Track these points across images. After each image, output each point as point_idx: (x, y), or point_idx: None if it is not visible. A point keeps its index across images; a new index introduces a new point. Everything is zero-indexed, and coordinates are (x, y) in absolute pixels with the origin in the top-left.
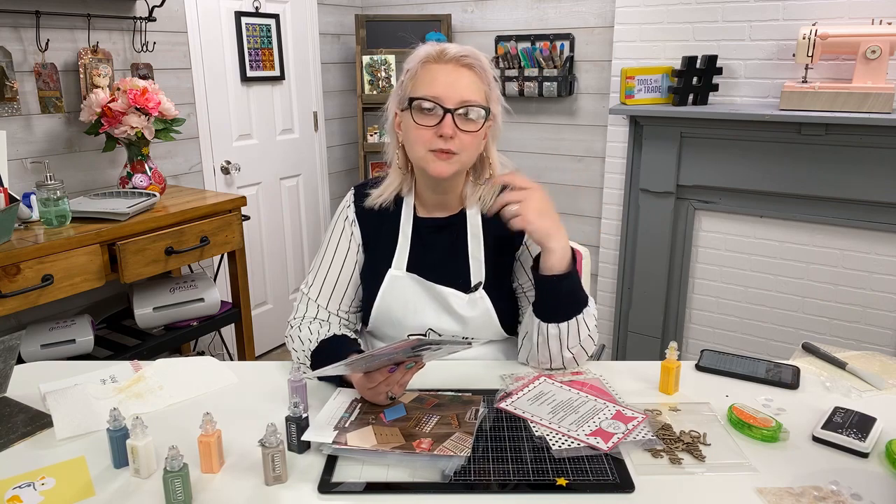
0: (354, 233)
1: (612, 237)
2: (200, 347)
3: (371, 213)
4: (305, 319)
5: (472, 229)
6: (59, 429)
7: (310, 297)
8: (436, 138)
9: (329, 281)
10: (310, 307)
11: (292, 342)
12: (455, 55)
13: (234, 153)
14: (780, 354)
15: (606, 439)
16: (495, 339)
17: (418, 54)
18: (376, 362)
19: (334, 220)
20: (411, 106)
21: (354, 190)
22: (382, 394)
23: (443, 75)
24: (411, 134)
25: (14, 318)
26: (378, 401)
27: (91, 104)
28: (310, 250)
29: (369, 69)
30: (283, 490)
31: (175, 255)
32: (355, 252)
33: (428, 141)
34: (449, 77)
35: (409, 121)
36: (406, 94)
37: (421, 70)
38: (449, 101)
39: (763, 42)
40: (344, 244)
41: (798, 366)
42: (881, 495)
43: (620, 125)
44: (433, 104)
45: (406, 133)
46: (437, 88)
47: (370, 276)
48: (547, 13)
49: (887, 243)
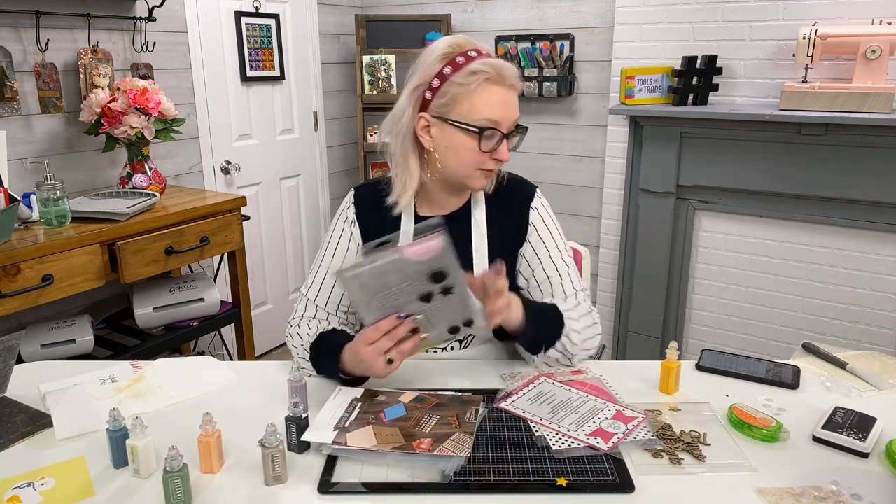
0: (354, 233)
1: (612, 237)
2: (200, 347)
3: (371, 213)
4: (304, 318)
5: (476, 223)
6: (59, 429)
7: (308, 297)
8: (489, 159)
9: (327, 282)
10: (308, 307)
11: (291, 339)
12: (511, 78)
13: (234, 153)
14: (780, 354)
15: (606, 439)
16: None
17: (473, 69)
18: (395, 290)
19: (334, 221)
20: (464, 125)
21: (354, 191)
22: (382, 354)
23: (500, 97)
24: (459, 151)
25: (14, 318)
26: (376, 365)
27: (91, 104)
28: (310, 250)
29: (369, 69)
30: (283, 490)
31: (175, 255)
32: (354, 253)
33: (480, 161)
34: (506, 99)
35: (460, 138)
36: (453, 106)
37: (479, 89)
38: (505, 124)
39: (763, 42)
40: (343, 245)
41: (798, 366)
42: (881, 495)
43: (620, 125)
44: (494, 130)
45: (449, 146)
46: (497, 111)
47: None
48: (547, 13)
49: (887, 243)
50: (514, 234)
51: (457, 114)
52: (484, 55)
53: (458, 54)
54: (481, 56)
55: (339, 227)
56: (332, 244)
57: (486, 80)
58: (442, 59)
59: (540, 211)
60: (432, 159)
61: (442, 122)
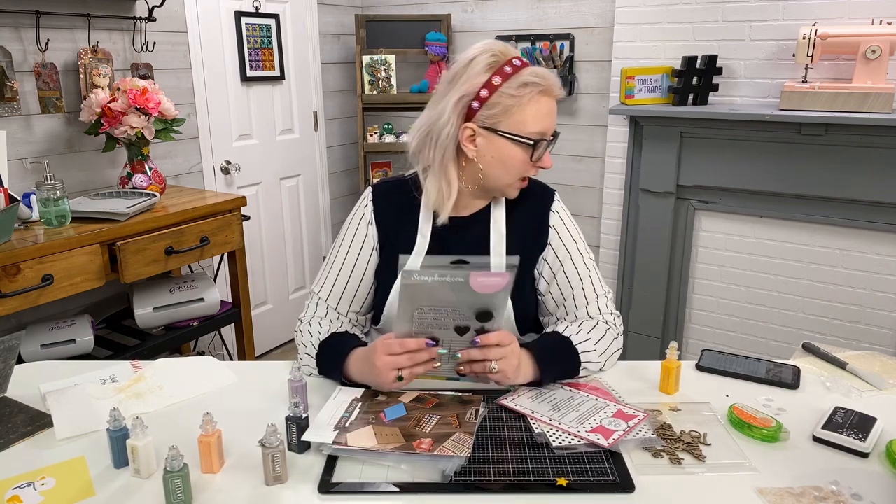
0: (371, 233)
1: (612, 237)
2: (200, 347)
3: (390, 212)
4: (315, 317)
5: (495, 224)
6: (59, 429)
7: (321, 296)
8: (531, 168)
9: (340, 282)
10: (319, 307)
11: (301, 336)
12: (558, 88)
13: (234, 153)
14: (780, 354)
15: (607, 436)
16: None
17: (525, 80)
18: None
19: (350, 218)
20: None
21: (372, 189)
22: (395, 369)
23: (549, 108)
24: (507, 161)
25: (14, 318)
26: (387, 377)
27: (91, 104)
28: (310, 250)
29: (369, 69)
30: (283, 490)
31: (175, 255)
32: (369, 253)
33: (525, 170)
34: (553, 109)
35: (509, 149)
36: (504, 118)
37: (531, 101)
38: (549, 133)
39: (763, 42)
40: (358, 244)
41: (798, 366)
42: (881, 495)
43: (620, 125)
44: (544, 141)
45: (496, 157)
46: (545, 122)
47: (385, 274)
48: (547, 13)
49: (887, 243)
50: (533, 237)
51: (507, 125)
52: (525, 63)
53: (503, 63)
54: (524, 65)
55: (355, 225)
56: (347, 242)
57: (539, 92)
58: (488, 68)
59: (560, 214)
60: (472, 168)
61: (491, 132)
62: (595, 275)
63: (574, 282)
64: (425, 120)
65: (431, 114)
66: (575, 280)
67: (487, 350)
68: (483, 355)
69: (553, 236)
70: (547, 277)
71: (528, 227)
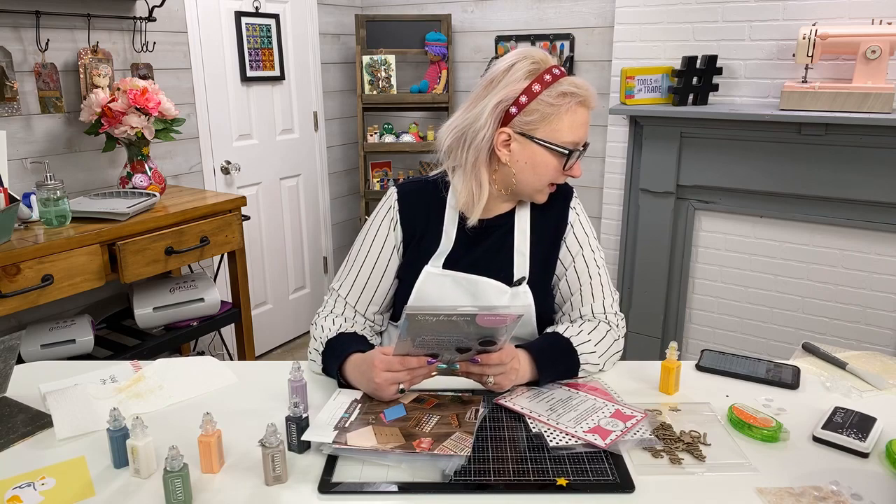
0: (396, 235)
1: (612, 237)
2: (200, 347)
3: (415, 214)
4: (332, 314)
5: (519, 225)
6: (59, 429)
7: (340, 294)
8: (560, 175)
9: (360, 280)
10: (338, 304)
11: (315, 329)
12: (595, 100)
13: (234, 153)
14: (780, 354)
15: (604, 436)
16: (526, 339)
17: (565, 90)
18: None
19: (373, 218)
20: (552, 146)
21: (398, 190)
22: (395, 385)
23: (585, 118)
24: (540, 168)
25: (14, 318)
26: (387, 391)
27: (91, 104)
28: (310, 250)
29: (369, 69)
30: (283, 490)
31: (175, 255)
32: (389, 253)
33: (556, 177)
34: (588, 120)
35: (543, 156)
36: (541, 125)
37: (569, 111)
38: (581, 144)
39: (763, 42)
40: (379, 244)
41: (798, 366)
42: (881, 495)
43: (620, 125)
44: (577, 150)
45: (529, 163)
46: (580, 132)
47: (407, 272)
48: (547, 13)
49: (887, 243)
50: (555, 235)
51: (543, 132)
52: (564, 72)
53: (543, 71)
54: (563, 74)
55: (378, 225)
56: (369, 242)
57: (577, 102)
58: (528, 75)
59: (577, 210)
60: (504, 172)
61: (526, 139)
62: (604, 274)
63: (583, 278)
64: (460, 121)
65: (467, 116)
66: (584, 276)
67: (487, 367)
68: (482, 371)
69: (569, 231)
70: (557, 271)
71: (550, 226)
